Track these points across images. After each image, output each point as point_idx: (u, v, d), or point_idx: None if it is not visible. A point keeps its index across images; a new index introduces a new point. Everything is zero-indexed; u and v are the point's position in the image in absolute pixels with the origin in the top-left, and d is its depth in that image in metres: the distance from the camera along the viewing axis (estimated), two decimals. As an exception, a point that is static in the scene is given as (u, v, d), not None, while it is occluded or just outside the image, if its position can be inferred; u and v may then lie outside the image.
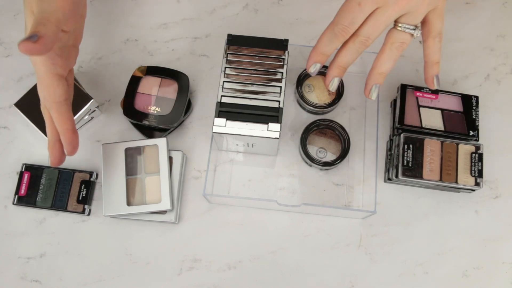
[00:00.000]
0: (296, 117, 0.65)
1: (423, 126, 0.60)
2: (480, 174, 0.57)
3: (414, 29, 0.47)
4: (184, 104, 0.62)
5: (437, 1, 0.47)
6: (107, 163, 0.60)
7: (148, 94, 0.62)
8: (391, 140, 0.62)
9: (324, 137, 0.63)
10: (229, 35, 0.57)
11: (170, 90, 0.62)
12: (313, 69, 0.49)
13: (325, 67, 0.63)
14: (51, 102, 0.50)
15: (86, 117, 0.63)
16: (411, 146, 0.58)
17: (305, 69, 0.63)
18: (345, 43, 0.48)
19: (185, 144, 0.64)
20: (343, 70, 0.49)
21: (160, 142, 0.60)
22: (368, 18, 0.46)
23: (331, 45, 0.47)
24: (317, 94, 0.64)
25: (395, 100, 0.63)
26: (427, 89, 0.61)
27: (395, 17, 0.46)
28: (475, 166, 0.58)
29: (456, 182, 0.57)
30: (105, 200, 0.58)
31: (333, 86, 0.50)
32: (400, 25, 0.47)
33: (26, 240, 0.60)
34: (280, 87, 0.55)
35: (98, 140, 0.64)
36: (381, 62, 0.49)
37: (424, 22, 0.48)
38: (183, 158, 0.62)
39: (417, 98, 0.61)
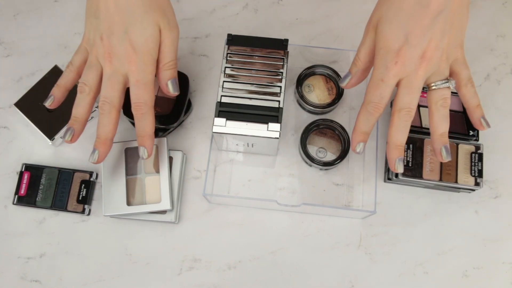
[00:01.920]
0: (296, 117, 0.65)
1: (423, 126, 0.60)
2: (480, 174, 0.57)
3: (447, 82, 0.48)
4: (184, 104, 0.62)
5: (455, 52, 0.48)
6: (107, 163, 0.60)
7: (148, 94, 0.62)
8: (391, 140, 0.62)
9: (324, 137, 0.63)
10: (229, 35, 0.57)
11: (170, 90, 0.62)
12: (359, 148, 0.50)
13: (322, 66, 0.64)
14: (151, 106, 0.52)
15: (86, 117, 0.63)
16: (411, 146, 0.58)
17: (305, 69, 0.63)
18: (392, 123, 0.49)
19: (185, 144, 0.64)
20: (402, 148, 0.49)
21: (160, 142, 0.60)
22: (399, 90, 0.47)
23: (369, 123, 0.49)
24: (317, 94, 0.64)
25: (395, 100, 0.63)
26: (427, 89, 0.61)
27: (423, 81, 0.47)
28: (475, 166, 0.58)
29: (456, 182, 0.57)
30: (105, 200, 0.58)
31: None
32: (432, 84, 0.49)
33: (26, 240, 0.60)
34: (280, 87, 0.55)
35: (98, 140, 0.64)
36: (436, 125, 0.50)
37: (451, 73, 0.50)
38: (183, 158, 0.62)
39: (417, 98, 0.61)
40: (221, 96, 0.55)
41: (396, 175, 0.58)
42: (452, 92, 0.61)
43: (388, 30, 0.46)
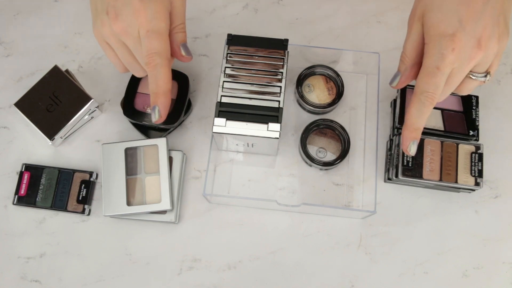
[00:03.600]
0: (296, 117, 0.65)
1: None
2: (480, 174, 0.57)
3: (486, 75, 0.47)
4: (184, 104, 0.62)
5: (505, 41, 0.46)
6: (107, 163, 0.60)
7: (148, 94, 0.62)
8: (391, 140, 0.62)
9: (324, 137, 0.63)
10: (229, 35, 0.57)
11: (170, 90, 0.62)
12: (412, 149, 0.47)
13: (322, 66, 0.64)
14: (165, 57, 0.47)
15: (86, 117, 0.63)
16: (411, 146, 0.58)
17: (305, 69, 0.63)
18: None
19: (185, 144, 0.64)
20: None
21: (160, 142, 0.60)
22: (447, 80, 0.46)
23: (422, 116, 0.46)
24: (317, 94, 0.64)
25: (395, 100, 0.63)
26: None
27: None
28: (475, 166, 0.58)
29: (456, 182, 0.57)
30: (105, 200, 0.58)
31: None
32: (472, 75, 0.47)
33: (26, 240, 0.60)
34: (280, 87, 0.55)
35: (98, 140, 0.64)
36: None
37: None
38: (183, 158, 0.62)
39: (417, 98, 0.61)
40: (221, 96, 0.55)
41: (396, 175, 0.58)
42: (452, 93, 0.61)
43: (439, 15, 0.44)
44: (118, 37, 0.47)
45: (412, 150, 0.48)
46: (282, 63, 0.56)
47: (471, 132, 0.60)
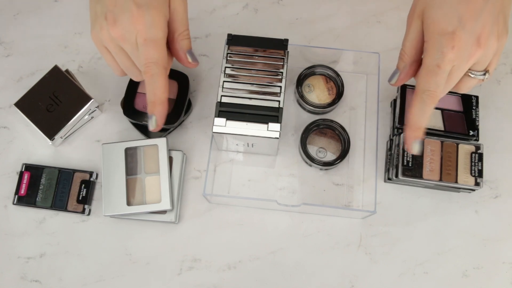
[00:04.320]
0: (296, 117, 0.65)
1: (423, 126, 0.60)
2: (480, 174, 0.57)
3: (485, 74, 0.47)
4: (184, 104, 0.62)
5: (504, 39, 0.46)
6: (107, 163, 0.60)
7: (148, 94, 0.62)
8: (391, 140, 0.62)
9: (324, 137, 0.63)
10: (229, 35, 0.57)
11: (170, 90, 0.62)
12: (416, 148, 0.48)
13: (322, 66, 0.64)
14: (162, 67, 0.48)
15: (86, 117, 0.63)
16: (411, 146, 0.58)
17: (305, 69, 0.63)
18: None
19: (185, 144, 0.64)
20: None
21: (160, 142, 0.60)
22: (447, 78, 0.46)
23: (424, 115, 0.46)
24: (317, 94, 0.64)
25: (395, 100, 0.63)
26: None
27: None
28: (475, 166, 0.58)
29: (456, 182, 0.57)
30: (105, 200, 0.58)
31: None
32: (471, 73, 0.47)
33: (26, 240, 0.60)
34: (280, 87, 0.55)
35: (98, 140, 0.64)
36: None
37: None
38: (183, 158, 0.62)
39: (417, 98, 0.61)
40: (221, 96, 0.55)
41: (396, 175, 0.58)
42: (454, 92, 0.61)
43: (439, 13, 0.44)
44: (116, 42, 0.48)
45: (415, 149, 0.48)
46: (282, 63, 0.56)
47: (471, 132, 0.60)
